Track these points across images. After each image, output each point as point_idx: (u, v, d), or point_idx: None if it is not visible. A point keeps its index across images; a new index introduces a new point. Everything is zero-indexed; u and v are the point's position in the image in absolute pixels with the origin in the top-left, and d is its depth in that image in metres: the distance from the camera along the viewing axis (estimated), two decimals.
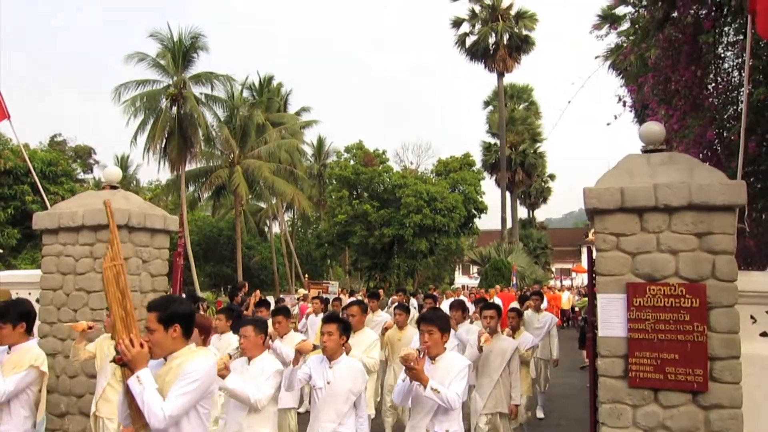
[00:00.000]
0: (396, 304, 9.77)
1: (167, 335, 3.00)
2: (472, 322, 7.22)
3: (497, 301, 16.10)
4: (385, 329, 7.64)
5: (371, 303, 8.58)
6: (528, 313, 8.96)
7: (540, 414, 8.76)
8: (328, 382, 4.30)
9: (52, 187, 23.13)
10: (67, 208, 6.66)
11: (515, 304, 11.31)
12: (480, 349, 5.45)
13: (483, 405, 5.72)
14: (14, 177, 22.65)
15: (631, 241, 4.54)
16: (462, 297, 18.58)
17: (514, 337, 6.68)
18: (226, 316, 6.45)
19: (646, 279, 4.47)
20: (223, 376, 4.07)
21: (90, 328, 5.33)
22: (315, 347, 4.67)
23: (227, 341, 6.20)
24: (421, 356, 3.75)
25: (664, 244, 4.45)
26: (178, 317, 3.03)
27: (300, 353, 4.44)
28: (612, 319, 4.53)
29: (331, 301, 15.02)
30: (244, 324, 4.53)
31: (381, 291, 21.78)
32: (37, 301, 6.88)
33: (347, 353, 5.41)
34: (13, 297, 7.22)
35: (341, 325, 4.42)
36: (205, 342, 4.94)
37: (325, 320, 4.51)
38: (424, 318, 4.11)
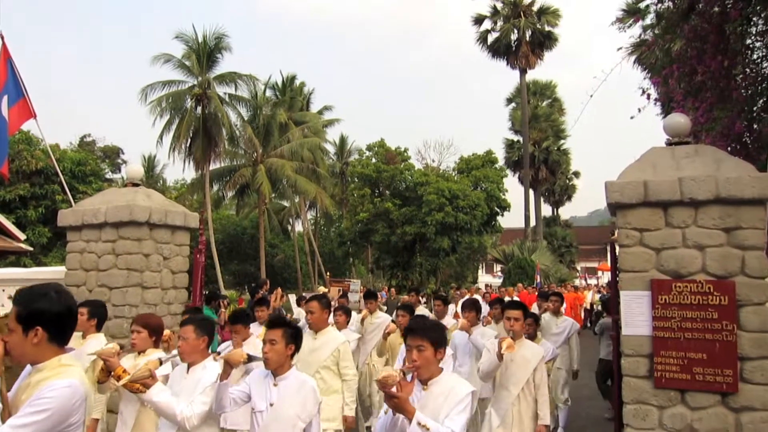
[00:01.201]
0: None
1: (26, 339, 2.31)
2: (485, 324, 6.65)
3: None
4: (387, 333, 6.74)
5: (369, 304, 7.98)
6: (546, 317, 7.98)
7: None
8: (272, 404, 3.45)
9: (81, 186, 23.57)
10: (90, 206, 6.75)
11: (535, 305, 10.75)
12: (500, 357, 4.48)
13: (499, 424, 4.70)
14: (45, 176, 23.12)
15: (655, 236, 4.42)
16: (476, 296, 18.24)
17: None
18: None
19: (672, 276, 4.34)
20: (147, 386, 3.46)
21: None
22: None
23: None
24: (409, 379, 2.90)
25: (690, 239, 4.33)
26: (42, 318, 2.30)
27: (229, 365, 3.51)
28: (636, 317, 4.41)
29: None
30: (184, 324, 3.82)
31: (393, 291, 21.69)
32: None
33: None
34: None
35: (288, 331, 3.54)
36: (156, 344, 4.48)
37: (268, 325, 3.65)
38: (412, 329, 3.11)
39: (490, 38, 36.41)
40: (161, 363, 3.68)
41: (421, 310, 8.94)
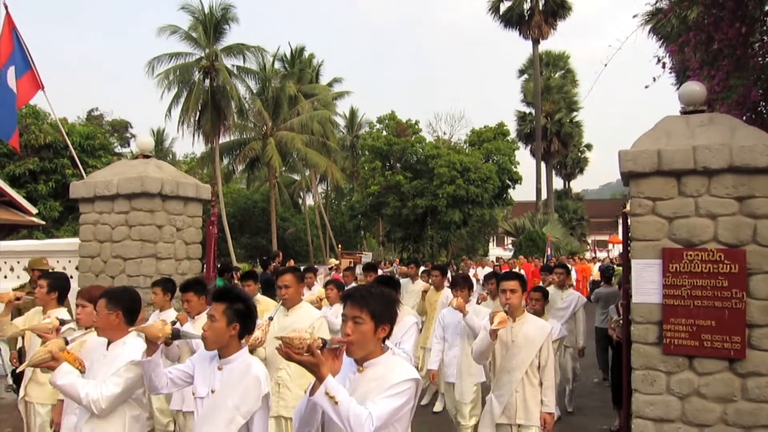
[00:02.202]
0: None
1: None
2: (479, 302, 6.03)
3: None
4: (424, 292, 7.21)
5: (368, 276, 7.47)
6: (550, 291, 7.27)
7: (569, 407, 7.42)
8: (213, 391, 2.90)
9: (90, 160, 23.65)
10: (102, 177, 6.81)
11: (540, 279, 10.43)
12: (493, 334, 3.94)
13: (501, 412, 4.21)
14: (54, 151, 23.18)
15: (668, 205, 4.41)
16: (472, 270, 17.68)
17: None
18: (162, 289, 5.24)
19: (683, 244, 4.35)
20: (51, 368, 3.12)
21: (18, 299, 4.63)
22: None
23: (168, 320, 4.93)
24: (338, 351, 2.37)
25: (703, 208, 4.32)
26: None
27: (152, 342, 2.96)
28: (647, 285, 4.44)
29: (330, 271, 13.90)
30: (100, 297, 3.44)
31: (397, 261, 21.72)
32: (77, 269, 7.10)
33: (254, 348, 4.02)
34: (53, 265, 7.46)
35: (232, 308, 2.93)
36: None
37: (214, 297, 3.07)
38: (350, 296, 2.53)
39: (503, 7, 35.83)
40: (67, 343, 3.28)
41: (418, 283, 8.47)
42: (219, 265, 9.04)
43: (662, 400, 4.31)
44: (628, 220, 4.79)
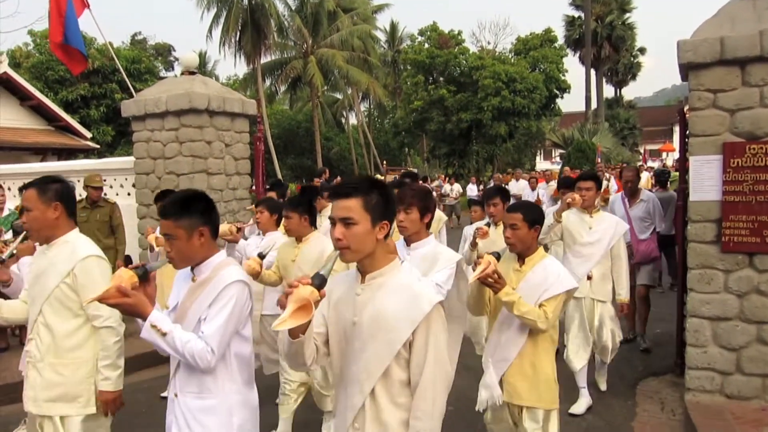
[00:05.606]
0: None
1: None
2: (476, 238, 4.47)
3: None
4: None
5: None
6: (570, 216, 4.70)
7: (603, 386, 4.97)
8: None
9: (138, 84, 23.86)
10: (151, 95, 6.91)
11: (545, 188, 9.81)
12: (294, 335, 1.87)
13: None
14: (103, 76, 23.52)
15: (730, 97, 4.19)
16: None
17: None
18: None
19: (746, 137, 4.16)
20: None
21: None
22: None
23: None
24: (141, 272, 2.15)
25: None
26: None
27: None
28: (705, 182, 4.29)
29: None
30: None
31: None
32: (134, 186, 7.34)
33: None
34: (111, 183, 7.73)
35: None
36: None
37: None
38: (162, 213, 2.31)
39: None
40: None
41: None
42: (271, 181, 9.20)
43: (719, 299, 4.27)
44: (687, 117, 4.58)
